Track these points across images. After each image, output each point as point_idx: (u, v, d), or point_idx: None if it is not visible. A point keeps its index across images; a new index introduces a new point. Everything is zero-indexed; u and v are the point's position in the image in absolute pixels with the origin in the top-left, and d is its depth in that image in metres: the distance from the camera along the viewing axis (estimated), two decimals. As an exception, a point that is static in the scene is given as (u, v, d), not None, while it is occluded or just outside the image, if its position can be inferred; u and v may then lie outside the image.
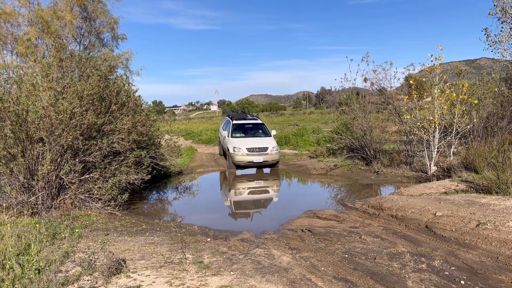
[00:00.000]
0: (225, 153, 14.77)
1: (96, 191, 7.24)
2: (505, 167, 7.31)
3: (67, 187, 7.16)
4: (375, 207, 7.44)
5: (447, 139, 10.50)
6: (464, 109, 10.42)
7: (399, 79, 16.88)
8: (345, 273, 4.37)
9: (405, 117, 11.25)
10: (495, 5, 11.79)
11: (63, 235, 5.64)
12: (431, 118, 10.21)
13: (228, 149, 13.49)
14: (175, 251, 5.15)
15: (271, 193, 10.81)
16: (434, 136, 10.32)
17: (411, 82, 11.51)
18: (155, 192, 10.64)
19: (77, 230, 5.96)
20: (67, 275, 4.16)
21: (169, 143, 10.96)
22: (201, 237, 5.93)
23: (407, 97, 11.25)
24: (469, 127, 10.48)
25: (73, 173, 7.00)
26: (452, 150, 10.56)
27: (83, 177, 7.29)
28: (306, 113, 62.16)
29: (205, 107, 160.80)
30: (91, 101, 7.46)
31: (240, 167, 13.39)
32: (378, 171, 11.49)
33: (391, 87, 12.97)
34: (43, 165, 6.76)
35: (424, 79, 11.09)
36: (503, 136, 10.22)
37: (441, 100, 10.01)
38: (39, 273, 4.09)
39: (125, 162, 7.87)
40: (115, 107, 8.01)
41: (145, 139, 8.86)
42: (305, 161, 14.73)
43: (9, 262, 4.14)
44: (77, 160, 7.12)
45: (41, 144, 6.88)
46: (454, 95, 10.06)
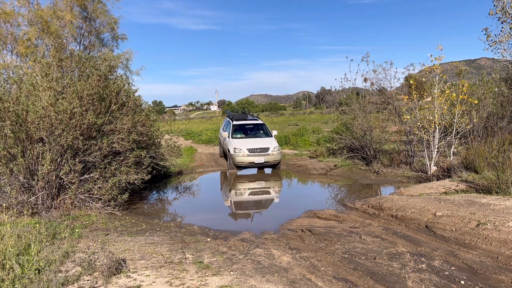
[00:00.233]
0: (225, 155, 14.62)
1: (96, 191, 7.23)
2: (505, 167, 7.31)
3: (67, 187, 7.16)
4: (375, 207, 7.45)
5: (447, 139, 10.50)
6: (464, 109, 10.42)
7: (399, 79, 16.85)
8: (345, 273, 4.37)
9: (405, 117, 11.25)
10: (495, 5, 11.79)
11: (63, 235, 5.65)
12: (431, 118, 10.21)
13: (228, 150, 13.38)
14: (175, 251, 5.15)
15: (272, 193, 10.80)
16: (434, 136, 10.32)
17: (411, 82, 11.52)
18: (155, 192, 10.64)
19: (77, 230, 5.96)
20: (67, 275, 4.16)
21: (169, 143, 10.96)
22: (201, 237, 5.93)
23: (407, 97, 11.24)
24: (469, 127, 10.48)
25: (73, 173, 7.00)
26: (452, 150, 10.56)
27: (83, 177, 7.29)
28: (306, 113, 62.14)
29: (205, 107, 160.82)
30: (91, 101, 7.46)
31: (241, 168, 13.34)
32: (378, 171, 11.49)
33: (391, 87, 12.99)
34: (43, 165, 6.76)
35: (424, 79, 11.08)
36: (503, 136, 10.22)
37: (441, 100, 10.01)
38: (39, 273, 4.09)
39: (125, 162, 7.87)
40: (115, 107, 8.01)
41: (145, 139, 8.86)
42: (305, 161, 14.73)
43: (9, 262, 4.14)
44: (77, 160, 7.12)
45: (41, 144, 6.88)
46: (454, 95, 10.06)
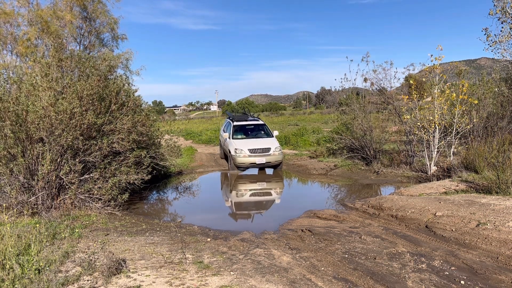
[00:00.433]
0: (226, 156, 14.51)
1: (96, 191, 7.23)
2: (505, 167, 7.31)
3: (67, 187, 7.16)
4: (375, 207, 7.44)
5: (447, 139, 10.49)
6: (464, 109, 10.42)
7: (399, 79, 16.83)
8: (345, 273, 4.37)
9: (405, 117, 11.25)
10: (495, 5, 11.80)
11: (63, 235, 5.64)
12: (431, 118, 10.21)
13: (229, 151, 13.28)
14: (175, 251, 5.15)
15: (273, 194, 10.79)
16: (434, 136, 10.32)
17: (411, 82, 11.51)
18: (155, 192, 10.64)
19: (77, 230, 5.96)
20: (67, 275, 4.16)
21: (169, 143, 10.96)
22: (201, 237, 5.93)
23: (407, 97, 11.23)
24: (469, 127, 10.47)
25: (73, 173, 7.00)
26: (452, 150, 10.55)
27: (83, 177, 7.29)
28: (306, 113, 62.12)
29: (205, 107, 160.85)
30: (91, 101, 7.46)
31: (242, 169, 13.29)
32: (378, 171, 11.49)
33: (391, 87, 12.98)
34: (43, 165, 6.76)
35: (424, 79, 11.08)
36: (503, 136, 10.21)
37: (441, 100, 10.01)
38: (39, 273, 4.09)
39: (125, 162, 7.87)
40: (115, 107, 8.01)
41: (145, 139, 8.85)
42: (305, 161, 14.73)
43: (9, 262, 4.14)
44: (77, 160, 7.12)
45: (41, 144, 6.88)
46: (454, 95, 10.05)
